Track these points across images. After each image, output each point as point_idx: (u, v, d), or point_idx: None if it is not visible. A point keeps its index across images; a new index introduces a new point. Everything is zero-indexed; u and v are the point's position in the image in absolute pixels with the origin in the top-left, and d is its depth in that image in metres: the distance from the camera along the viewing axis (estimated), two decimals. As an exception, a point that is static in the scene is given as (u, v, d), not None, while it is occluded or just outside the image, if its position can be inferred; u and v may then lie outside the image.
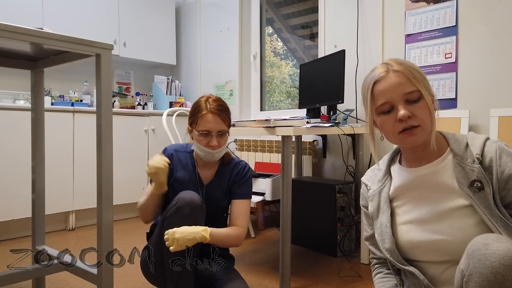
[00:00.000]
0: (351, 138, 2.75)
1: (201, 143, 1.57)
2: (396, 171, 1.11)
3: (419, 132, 0.97)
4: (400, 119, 0.96)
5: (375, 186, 1.14)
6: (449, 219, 0.97)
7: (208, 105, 1.57)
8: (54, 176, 2.98)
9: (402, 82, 0.97)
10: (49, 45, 1.33)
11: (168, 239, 1.37)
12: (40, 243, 1.87)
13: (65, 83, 3.64)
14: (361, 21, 2.79)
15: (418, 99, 0.97)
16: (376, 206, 1.11)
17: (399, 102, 0.97)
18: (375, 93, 1.00)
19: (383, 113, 1.00)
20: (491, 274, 0.77)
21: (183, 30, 4.30)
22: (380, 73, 1.00)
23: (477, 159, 0.96)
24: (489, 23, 2.20)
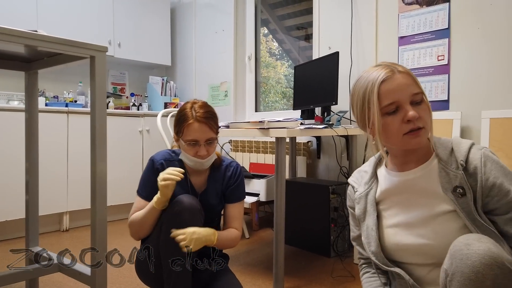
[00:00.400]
0: (345, 139, 2.77)
1: (189, 152, 1.51)
2: (383, 174, 1.12)
3: (424, 134, 0.96)
4: (409, 119, 0.94)
5: (362, 189, 1.14)
6: (434, 224, 0.98)
7: (194, 112, 1.50)
8: (48, 177, 2.97)
9: (409, 83, 0.97)
10: (43, 48, 1.33)
11: (186, 239, 1.36)
12: (34, 244, 1.87)
13: (59, 84, 3.63)
14: (355, 23, 2.81)
15: (421, 101, 0.97)
16: (363, 208, 1.12)
17: (406, 103, 0.96)
18: (382, 93, 0.97)
19: (388, 113, 0.97)
20: (472, 273, 0.78)
21: (178, 31, 4.31)
22: (386, 73, 0.98)
23: (461, 165, 0.97)
24: (480, 26, 2.23)
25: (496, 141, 2.11)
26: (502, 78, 2.16)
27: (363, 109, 1.03)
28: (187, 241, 1.37)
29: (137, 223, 1.50)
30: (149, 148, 3.60)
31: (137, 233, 1.53)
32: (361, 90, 1.03)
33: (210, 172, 1.64)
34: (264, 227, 3.19)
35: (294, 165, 3.00)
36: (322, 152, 3.02)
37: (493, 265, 0.77)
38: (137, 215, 1.51)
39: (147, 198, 1.54)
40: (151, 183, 1.54)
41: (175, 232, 1.38)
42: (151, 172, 1.56)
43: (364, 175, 1.16)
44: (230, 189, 1.63)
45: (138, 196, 1.57)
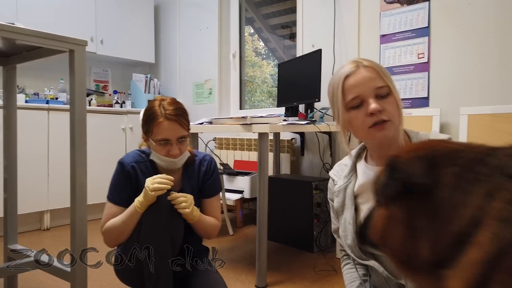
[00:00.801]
0: (328, 136, 2.80)
1: (161, 152, 1.44)
2: (362, 168, 1.12)
3: (389, 127, 0.96)
4: (371, 112, 0.95)
5: (341, 182, 1.14)
6: None
7: (163, 110, 1.43)
8: (28, 175, 2.92)
9: (373, 77, 0.98)
10: (21, 41, 1.31)
11: (187, 201, 1.39)
12: (12, 242, 1.83)
13: (40, 80, 3.57)
14: (337, 21, 2.84)
15: (387, 94, 0.98)
16: (341, 202, 1.12)
17: (369, 96, 0.97)
18: (346, 88, 0.99)
19: (353, 108, 0.99)
20: None
21: (162, 28, 4.28)
22: (350, 68, 1.00)
23: None
24: (459, 25, 2.28)
25: (473, 137, 2.16)
26: (479, 76, 2.21)
27: (333, 105, 1.05)
28: (188, 203, 1.38)
29: (117, 229, 1.42)
30: (132, 146, 3.57)
31: (116, 240, 1.46)
32: (330, 86, 1.06)
33: (184, 170, 1.58)
34: (248, 224, 3.20)
35: (278, 162, 3.01)
36: (306, 149, 3.04)
37: None
38: (115, 221, 1.43)
39: (120, 203, 1.47)
40: (122, 188, 1.48)
41: (175, 194, 1.38)
42: (122, 176, 1.50)
43: (344, 168, 1.17)
44: (207, 184, 1.60)
45: (110, 202, 1.49)
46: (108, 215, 1.47)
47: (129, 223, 1.41)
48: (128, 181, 1.49)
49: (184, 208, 1.39)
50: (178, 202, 1.38)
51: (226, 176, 2.98)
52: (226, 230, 2.92)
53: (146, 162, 1.54)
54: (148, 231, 1.36)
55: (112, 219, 1.46)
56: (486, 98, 2.19)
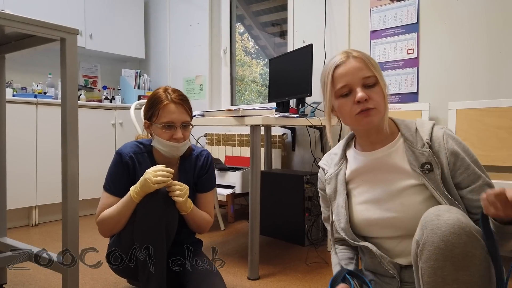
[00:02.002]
0: (319, 131, 2.82)
1: (164, 136, 1.45)
2: (352, 155, 1.18)
3: (374, 114, 1.02)
4: (358, 100, 1.01)
5: (332, 170, 1.19)
6: (401, 197, 1.05)
7: (169, 95, 1.47)
8: (16, 170, 2.87)
9: (361, 67, 1.03)
10: (11, 27, 1.29)
11: (182, 190, 1.39)
12: (1, 235, 1.81)
13: (27, 75, 3.51)
14: (328, 17, 2.86)
15: (374, 84, 1.03)
16: (333, 188, 1.17)
17: (357, 85, 1.03)
18: (336, 77, 1.05)
19: (342, 96, 1.05)
20: (442, 242, 0.82)
21: (152, 23, 4.25)
22: (341, 58, 1.06)
23: (427, 143, 1.04)
24: (448, 21, 2.32)
25: (461, 131, 2.20)
26: (467, 71, 2.25)
27: (324, 92, 1.12)
28: (183, 192, 1.39)
29: (113, 219, 1.42)
30: (122, 141, 3.53)
31: (111, 230, 1.46)
32: (322, 75, 1.13)
33: (180, 163, 1.59)
34: (240, 219, 3.20)
35: (269, 157, 3.02)
36: (297, 144, 3.05)
37: (461, 234, 0.82)
38: (110, 211, 1.43)
39: (116, 194, 1.46)
40: (119, 178, 1.48)
41: (172, 182, 1.38)
42: (120, 166, 1.49)
43: (334, 157, 1.22)
44: (202, 179, 1.61)
45: (106, 192, 1.48)
46: (104, 205, 1.46)
47: (124, 213, 1.40)
48: (125, 171, 1.49)
49: (178, 197, 1.38)
50: (173, 190, 1.38)
51: (217, 171, 2.98)
52: (217, 225, 2.91)
53: (144, 153, 1.54)
54: (143, 219, 1.36)
55: (107, 209, 1.45)
56: (475, 93, 2.23)
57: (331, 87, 1.07)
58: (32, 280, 1.89)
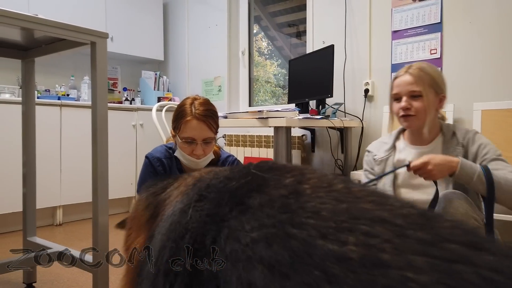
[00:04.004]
0: (339, 132, 2.80)
1: (185, 151, 1.46)
2: (401, 146, 1.46)
3: (413, 120, 1.35)
4: (401, 108, 1.35)
5: (382, 154, 1.48)
6: (440, 185, 1.30)
7: (194, 109, 1.45)
8: (41, 171, 2.93)
9: (411, 82, 1.33)
10: (43, 31, 1.32)
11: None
12: (31, 235, 1.85)
13: (51, 77, 3.58)
14: (348, 17, 2.84)
15: (419, 96, 1.32)
16: (382, 169, 1.45)
17: (404, 95, 1.35)
18: (393, 85, 1.39)
19: (395, 100, 1.39)
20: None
21: (171, 25, 4.29)
22: (400, 72, 1.38)
23: (461, 144, 1.33)
24: (472, 20, 2.28)
25: (487, 132, 2.16)
26: (493, 71, 2.21)
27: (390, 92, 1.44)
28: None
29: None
30: (142, 143, 3.58)
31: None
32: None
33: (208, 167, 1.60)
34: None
35: (289, 158, 3.01)
36: (316, 145, 3.04)
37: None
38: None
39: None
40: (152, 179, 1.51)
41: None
42: (150, 169, 1.52)
43: (383, 145, 1.51)
44: None
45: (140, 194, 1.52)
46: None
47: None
48: (155, 175, 1.51)
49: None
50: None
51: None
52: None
53: (172, 158, 1.55)
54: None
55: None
56: (500, 93, 2.18)
57: (390, 91, 1.41)
58: (60, 279, 1.93)
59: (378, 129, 2.63)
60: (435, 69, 1.39)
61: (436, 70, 1.39)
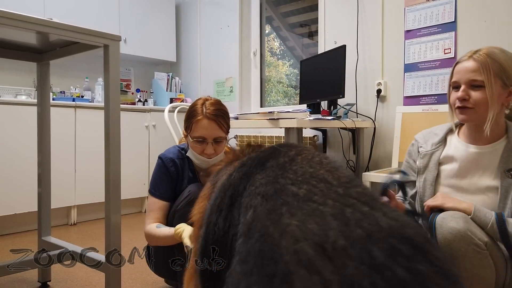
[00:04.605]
0: (351, 132, 2.78)
1: (196, 150, 1.47)
2: (453, 141, 1.29)
3: (470, 113, 1.15)
4: (457, 98, 1.17)
5: (428, 147, 1.32)
6: (483, 195, 1.16)
7: (204, 109, 1.46)
8: (56, 171, 2.98)
9: (474, 69, 1.14)
10: (57, 35, 1.35)
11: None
12: (46, 234, 1.89)
13: (65, 79, 3.65)
14: (361, 17, 2.82)
15: (480, 86, 1.13)
16: (425, 164, 1.30)
17: (464, 84, 1.16)
18: (454, 71, 1.21)
19: (453, 88, 1.21)
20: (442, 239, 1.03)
21: (183, 27, 4.32)
22: (464, 57, 1.19)
23: None
24: (487, 19, 2.24)
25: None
26: (509, 70, 2.17)
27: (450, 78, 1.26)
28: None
29: (154, 241, 1.47)
30: (155, 143, 3.61)
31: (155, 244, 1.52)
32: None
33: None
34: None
35: (300, 159, 3.01)
36: (328, 146, 3.03)
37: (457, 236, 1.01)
38: (154, 234, 1.44)
39: (163, 198, 1.50)
40: (163, 182, 1.51)
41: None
42: (163, 170, 1.53)
43: (433, 136, 1.33)
44: None
45: (153, 196, 1.51)
46: (152, 212, 1.49)
47: (165, 242, 1.43)
48: (168, 176, 1.51)
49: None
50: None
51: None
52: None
53: (184, 159, 1.56)
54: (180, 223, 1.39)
55: (153, 225, 1.46)
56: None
57: (450, 77, 1.23)
58: (74, 278, 1.96)
59: (391, 130, 2.60)
60: (508, 56, 1.16)
61: (509, 57, 1.16)
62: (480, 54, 1.14)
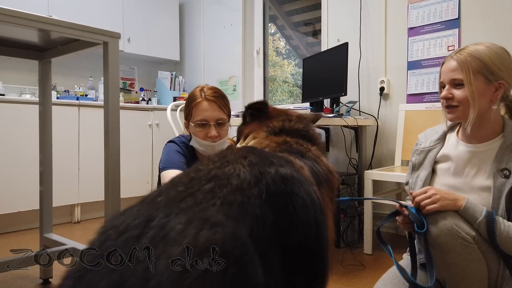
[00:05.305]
0: (354, 131, 2.77)
1: (199, 135, 1.43)
2: (451, 140, 1.28)
3: (457, 112, 1.16)
4: (441, 97, 1.19)
5: (427, 144, 1.32)
6: (476, 195, 1.14)
7: (203, 93, 1.46)
8: (60, 170, 3.00)
9: (453, 68, 1.15)
10: (57, 32, 1.35)
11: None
12: (48, 231, 1.90)
13: (70, 78, 3.67)
14: (364, 15, 2.80)
15: (461, 85, 1.14)
16: (420, 161, 1.31)
17: (447, 83, 1.18)
18: (440, 72, 1.23)
19: (441, 87, 1.22)
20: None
21: (187, 26, 4.33)
22: (447, 57, 1.21)
23: None
24: (491, 16, 2.22)
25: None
26: (513, 67, 2.14)
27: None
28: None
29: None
30: (158, 142, 3.62)
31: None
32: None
33: None
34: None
35: (303, 157, 3.00)
36: (331, 144, 3.01)
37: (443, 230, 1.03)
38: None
39: (178, 166, 1.41)
40: (178, 156, 1.46)
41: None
42: (176, 148, 1.49)
43: (433, 134, 1.34)
44: None
45: (166, 170, 1.41)
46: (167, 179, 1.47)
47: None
48: (181, 153, 1.48)
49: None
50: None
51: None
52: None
53: (187, 149, 1.55)
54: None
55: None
56: (521, 90, 2.11)
57: (439, 78, 1.24)
58: (75, 275, 1.97)
59: (394, 127, 2.59)
60: (494, 51, 1.14)
61: (494, 52, 1.14)
62: (461, 53, 1.15)
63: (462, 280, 1.04)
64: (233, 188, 0.61)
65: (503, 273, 1.07)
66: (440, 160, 1.27)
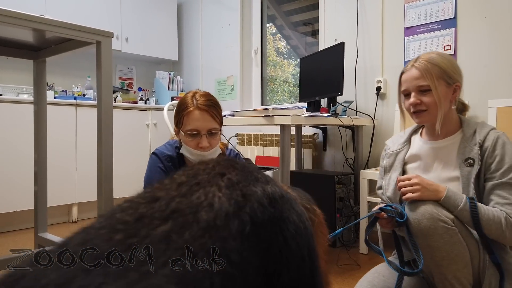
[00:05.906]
0: (351, 130, 2.76)
1: (190, 145, 1.39)
2: (416, 141, 1.40)
3: (425, 115, 1.27)
4: (410, 104, 1.28)
5: (395, 147, 1.43)
6: (447, 185, 1.21)
7: (195, 101, 1.39)
8: (57, 169, 3.01)
9: (417, 77, 1.25)
10: (51, 31, 1.36)
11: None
12: (42, 231, 1.90)
13: (67, 78, 3.67)
14: (360, 14, 2.80)
15: (427, 90, 1.24)
16: (391, 163, 1.41)
17: (413, 91, 1.27)
18: (401, 81, 1.32)
19: (405, 95, 1.32)
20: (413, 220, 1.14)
21: (185, 26, 4.33)
22: (407, 67, 1.31)
23: (479, 143, 1.22)
24: (487, 15, 2.21)
25: (503, 129, 2.09)
26: (509, 67, 2.14)
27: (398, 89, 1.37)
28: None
29: None
30: (156, 141, 3.63)
31: None
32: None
33: None
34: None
35: (300, 157, 3.00)
36: (328, 144, 3.01)
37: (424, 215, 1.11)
38: None
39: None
40: (158, 175, 1.45)
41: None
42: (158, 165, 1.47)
43: (399, 138, 1.46)
44: None
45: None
46: None
47: None
48: (162, 170, 1.46)
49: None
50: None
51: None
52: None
53: (175, 157, 1.50)
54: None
55: None
56: (517, 89, 2.11)
57: (399, 87, 1.35)
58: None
59: (390, 127, 2.58)
60: (445, 57, 1.27)
61: (446, 58, 1.27)
62: (420, 61, 1.26)
63: (448, 265, 1.09)
64: (200, 228, 0.45)
65: (484, 258, 1.13)
66: (409, 161, 1.37)
